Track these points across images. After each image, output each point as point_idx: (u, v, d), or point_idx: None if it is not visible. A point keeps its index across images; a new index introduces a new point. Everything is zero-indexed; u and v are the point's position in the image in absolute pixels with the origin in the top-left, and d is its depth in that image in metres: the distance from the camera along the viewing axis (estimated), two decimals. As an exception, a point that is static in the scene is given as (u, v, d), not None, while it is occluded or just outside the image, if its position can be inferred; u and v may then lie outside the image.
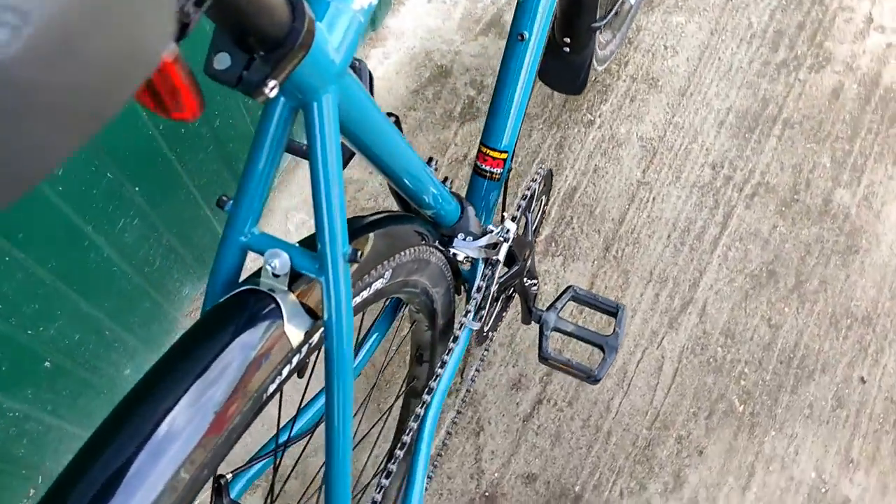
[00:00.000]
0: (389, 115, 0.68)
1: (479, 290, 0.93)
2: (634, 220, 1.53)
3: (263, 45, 0.41)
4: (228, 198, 0.55)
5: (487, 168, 1.02)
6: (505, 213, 0.96)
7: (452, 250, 0.89)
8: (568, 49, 1.39)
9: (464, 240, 0.90)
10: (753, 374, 1.40)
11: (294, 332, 0.53)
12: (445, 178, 0.90)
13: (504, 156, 1.02)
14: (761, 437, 1.35)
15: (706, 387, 1.39)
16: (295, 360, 0.56)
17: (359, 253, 0.54)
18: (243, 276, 0.56)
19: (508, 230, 0.94)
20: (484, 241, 0.90)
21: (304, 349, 0.57)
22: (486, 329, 1.12)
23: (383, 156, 0.66)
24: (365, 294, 0.66)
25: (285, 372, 0.54)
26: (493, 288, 0.98)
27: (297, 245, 0.54)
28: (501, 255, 0.93)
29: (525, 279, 1.14)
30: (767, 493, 1.31)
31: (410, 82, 1.67)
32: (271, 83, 0.42)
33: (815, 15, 1.76)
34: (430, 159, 0.89)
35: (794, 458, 1.34)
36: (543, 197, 1.18)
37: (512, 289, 1.21)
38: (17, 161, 0.19)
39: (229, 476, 0.70)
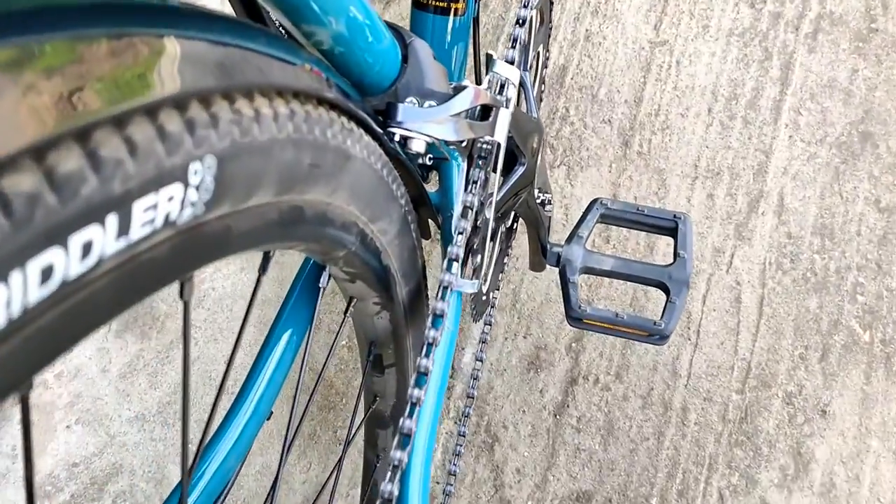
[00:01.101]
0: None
1: (465, 210, 0.45)
2: (657, 98, 1.06)
3: None
4: None
5: (439, -7, 0.54)
6: (492, 54, 0.48)
7: (397, 132, 0.41)
8: None
9: (420, 106, 0.41)
10: (873, 284, 0.95)
11: None
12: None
13: (466, -36, 0.54)
14: (905, 374, 0.92)
15: (810, 315, 0.94)
16: None
17: None
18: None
19: (508, 81, 0.46)
20: (463, 101, 0.41)
21: None
22: (485, 288, 0.64)
23: None
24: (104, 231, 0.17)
25: None
26: (491, 208, 0.51)
27: None
28: (500, 133, 0.45)
29: (536, 191, 0.67)
30: (933, 454, 0.88)
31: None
32: None
33: None
34: None
35: (960, 394, 0.91)
36: (541, 46, 0.70)
37: (513, 213, 0.73)
38: None
39: None
